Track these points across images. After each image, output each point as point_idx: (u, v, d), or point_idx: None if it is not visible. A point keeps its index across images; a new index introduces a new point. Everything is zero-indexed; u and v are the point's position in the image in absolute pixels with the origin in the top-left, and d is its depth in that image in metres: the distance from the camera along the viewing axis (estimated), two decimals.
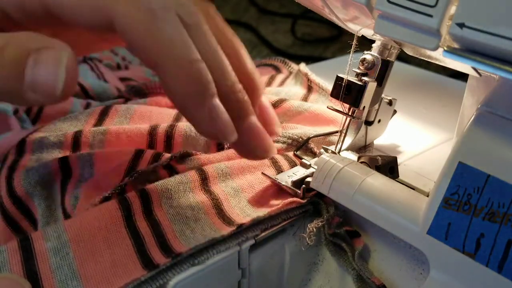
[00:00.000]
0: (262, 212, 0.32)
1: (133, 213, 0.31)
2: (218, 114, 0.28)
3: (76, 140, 0.39)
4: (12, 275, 0.27)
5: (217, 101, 0.29)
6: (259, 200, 0.34)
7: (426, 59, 0.35)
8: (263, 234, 0.32)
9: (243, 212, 0.33)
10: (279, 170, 0.37)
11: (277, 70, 0.57)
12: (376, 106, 0.40)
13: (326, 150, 0.39)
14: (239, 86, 0.31)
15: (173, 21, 0.28)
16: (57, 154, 0.39)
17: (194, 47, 0.28)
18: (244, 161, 0.37)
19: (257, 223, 0.32)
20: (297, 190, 0.34)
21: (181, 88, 0.28)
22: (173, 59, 0.28)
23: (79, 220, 0.31)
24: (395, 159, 0.37)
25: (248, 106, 0.31)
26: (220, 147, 0.40)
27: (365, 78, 0.36)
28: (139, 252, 0.29)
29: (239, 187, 0.35)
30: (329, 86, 0.49)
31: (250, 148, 0.32)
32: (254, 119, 0.31)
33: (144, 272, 0.27)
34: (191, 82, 0.28)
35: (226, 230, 0.30)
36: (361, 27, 0.34)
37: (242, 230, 0.31)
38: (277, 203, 0.33)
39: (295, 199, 0.34)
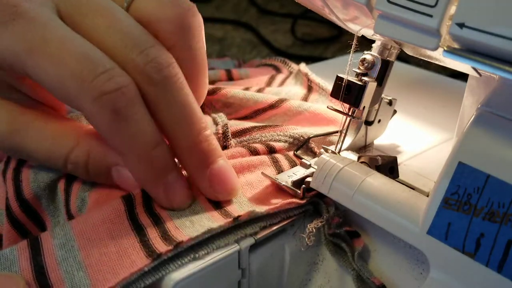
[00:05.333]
0: (260, 208, 0.32)
1: (135, 207, 0.32)
2: (172, 192, 0.32)
3: None
4: (8, 272, 0.28)
5: (172, 178, 0.32)
6: (258, 197, 0.34)
7: (426, 59, 0.35)
8: (263, 234, 0.32)
9: (241, 207, 0.33)
10: (280, 170, 0.37)
11: (277, 70, 0.57)
12: (376, 106, 0.40)
13: (326, 150, 0.39)
14: (206, 134, 0.32)
15: (136, 115, 0.30)
16: None
17: (155, 131, 0.31)
18: (245, 160, 0.37)
19: (255, 220, 0.32)
20: (297, 190, 0.34)
21: (138, 173, 0.32)
22: (132, 153, 0.31)
23: (84, 217, 0.32)
24: (395, 159, 0.37)
25: (215, 152, 0.33)
26: (223, 148, 0.40)
27: (365, 78, 0.36)
28: (141, 242, 0.29)
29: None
30: (329, 86, 0.49)
31: (213, 191, 0.33)
32: (220, 163, 0.33)
33: (148, 261, 0.28)
34: (148, 169, 0.31)
35: (224, 221, 0.31)
36: (361, 27, 0.34)
37: (240, 225, 0.32)
38: (277, 202, 0.33)
39: (294, 200, 0.34)
